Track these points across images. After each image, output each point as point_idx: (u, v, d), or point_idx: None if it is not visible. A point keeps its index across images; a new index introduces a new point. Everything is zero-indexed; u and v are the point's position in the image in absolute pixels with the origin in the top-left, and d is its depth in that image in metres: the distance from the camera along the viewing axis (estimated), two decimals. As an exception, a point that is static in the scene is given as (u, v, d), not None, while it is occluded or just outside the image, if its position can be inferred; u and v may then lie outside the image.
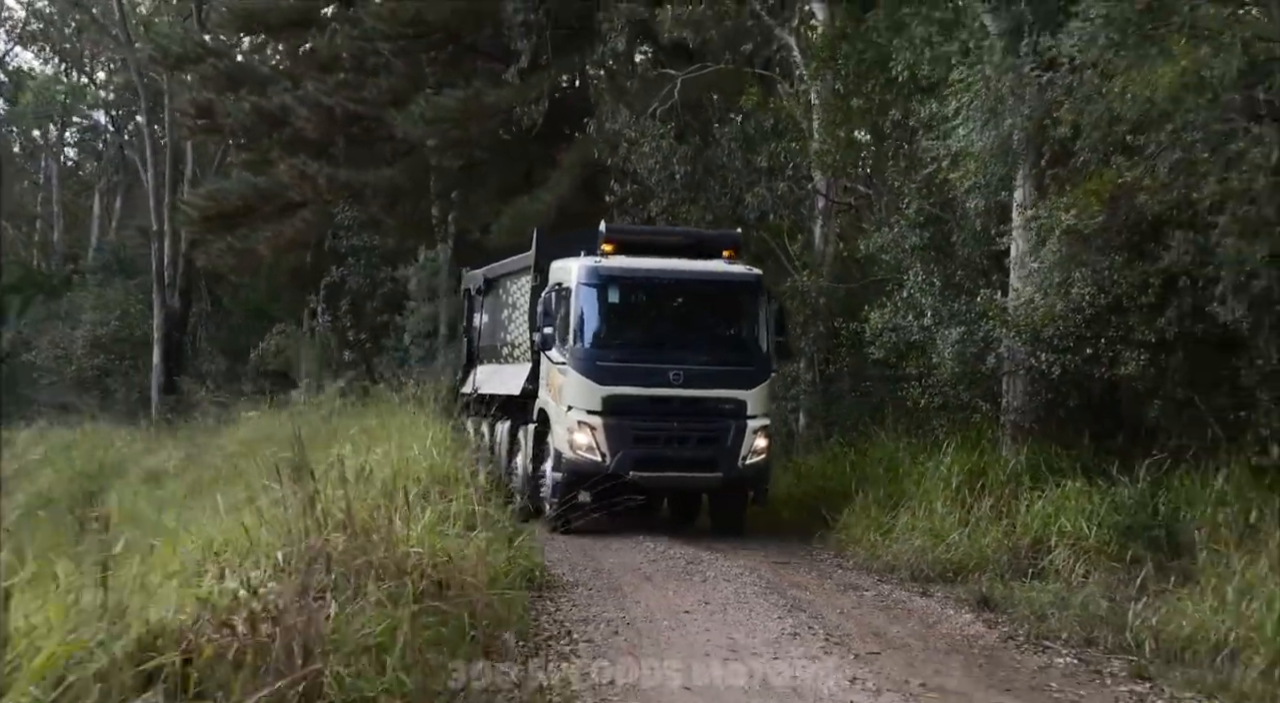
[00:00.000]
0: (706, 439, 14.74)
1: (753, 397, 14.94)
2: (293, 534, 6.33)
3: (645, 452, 14.51)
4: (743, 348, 15.40)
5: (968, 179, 12.29)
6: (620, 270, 15.11)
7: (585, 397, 14.60)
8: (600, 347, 14.88)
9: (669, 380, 14.65)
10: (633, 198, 24.62)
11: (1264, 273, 9.33)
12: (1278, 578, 8.43)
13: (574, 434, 14.58)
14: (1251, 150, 9.26)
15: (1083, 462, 12.62)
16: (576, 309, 14.85)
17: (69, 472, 25.94)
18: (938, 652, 8.84)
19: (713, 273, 15.45)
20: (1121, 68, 10.31)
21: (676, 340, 15.24)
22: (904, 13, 14.87)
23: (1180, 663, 8.27)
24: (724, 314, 15.87)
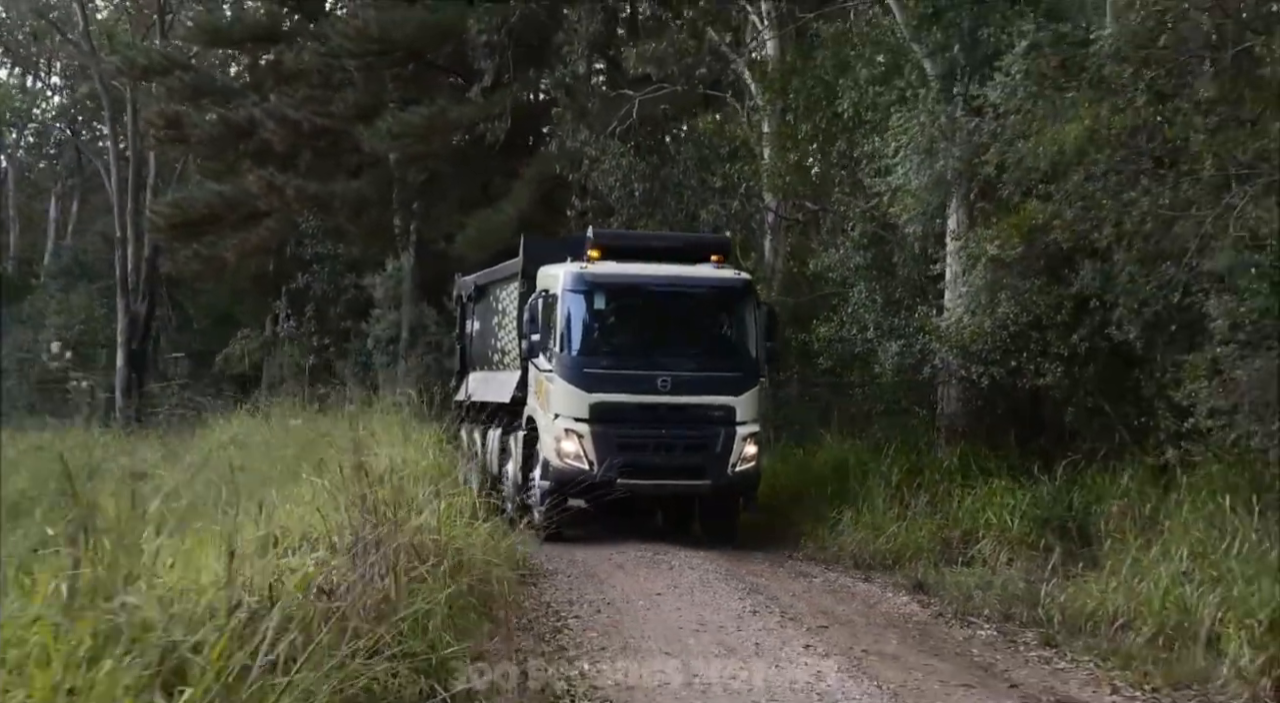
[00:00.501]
0: (695, 446, 14.58)
1: (742, 403, 14.72)
2: (345, 523, 7.57)
3: (633, 459, 14.32)
4: (732, 354, 15.17)
5: (907, 212, 13.71)
6: (607, 276, 14.92)
7: (572, 404, 14.44)
8: (587, 353, 14.73)
9: (657, 387, 14.50)
10: (592, 212, 25.93)
11: (1154, 301, 10.82)
12: (1166, 562, 9.86)
13: (561, 442, 14.42)
14: (1142, 198, 10.77)
15: (1008, 462, 14.09)
16: (563, 316, 14.66)
17: (46, 472, 26.73)
18: (877, 626, 10.25)
19: (700, 278, 15.26)
20: (1039, 116, 11.77)
21: (664, 347, 15.12)
22: (849, 54, 16.28)
23: (1082, 633, 9.71)
24: (712, 320, 15.66)
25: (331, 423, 16.27)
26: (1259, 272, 9.80)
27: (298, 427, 19.70)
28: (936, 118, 13.17)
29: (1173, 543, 9.93)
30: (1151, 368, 11.78)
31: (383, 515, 7.58)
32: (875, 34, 16.46)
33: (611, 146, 23.77)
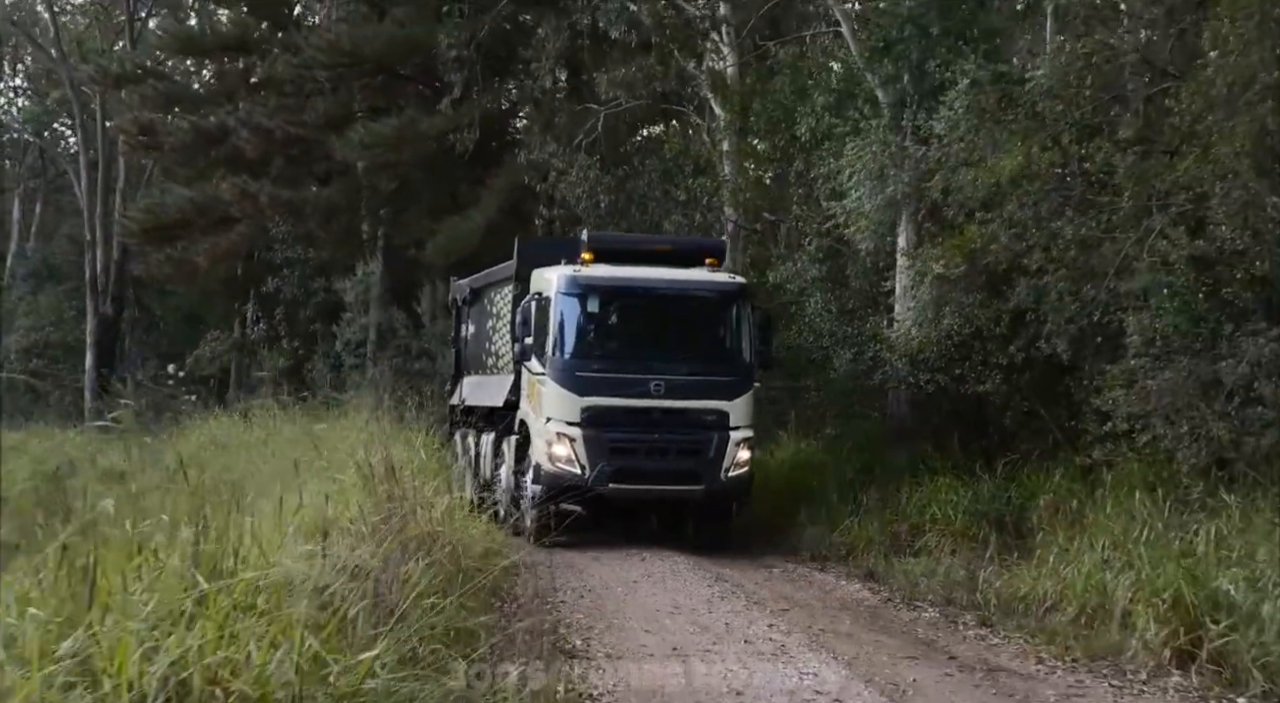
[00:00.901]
0: (688, 451, 14.52)
1: (735, 408, 14.67)
2: (368, 513, 8.60)
3: (625, 464, 14.28)
4: (725, 358, 15.08)
5: (861, 233, 14.89)
6: (600, 279, 14.84)
7: (564, 408, 14.40)
8: (579, 357, 14.65)
9: (650, 391, 14.42)
10: (559, 221, 27.00)
11: (1079, 318, 12.03)
12: (1088, 551, 11.04)
13: (552, 446, 14.37)
14: (1067, 227, 11.99)
15: (952, 461, 15.29)
16: (556, 319, 14.62)
17: (25, 470, 27.43)
18: (833, 609, 11.41)
19: (694, 282, 15.19)
20: (980, 146, 12.97)
21: (658, 351, 14.99)
22: (808, 83, 17.46)
23: (1014, 614, 10.88)
24: (706, 324, 15.52)
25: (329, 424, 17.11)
26: (1170, 292, 11.04)
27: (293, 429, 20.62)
28: (888, 146, 14.37)
29: (1095, 534, 11.10)
30: (1079, 376, 12.98)
31: (407, 507, 8.63)
32: (830, 63, 17.60)
33: (579, 160, 24.83)
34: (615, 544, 14.89)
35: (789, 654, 9.10)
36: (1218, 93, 10.82)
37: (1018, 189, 12.37)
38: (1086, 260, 11.97)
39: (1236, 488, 10.85)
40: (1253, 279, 11.15)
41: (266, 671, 4.25)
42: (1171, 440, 10.98)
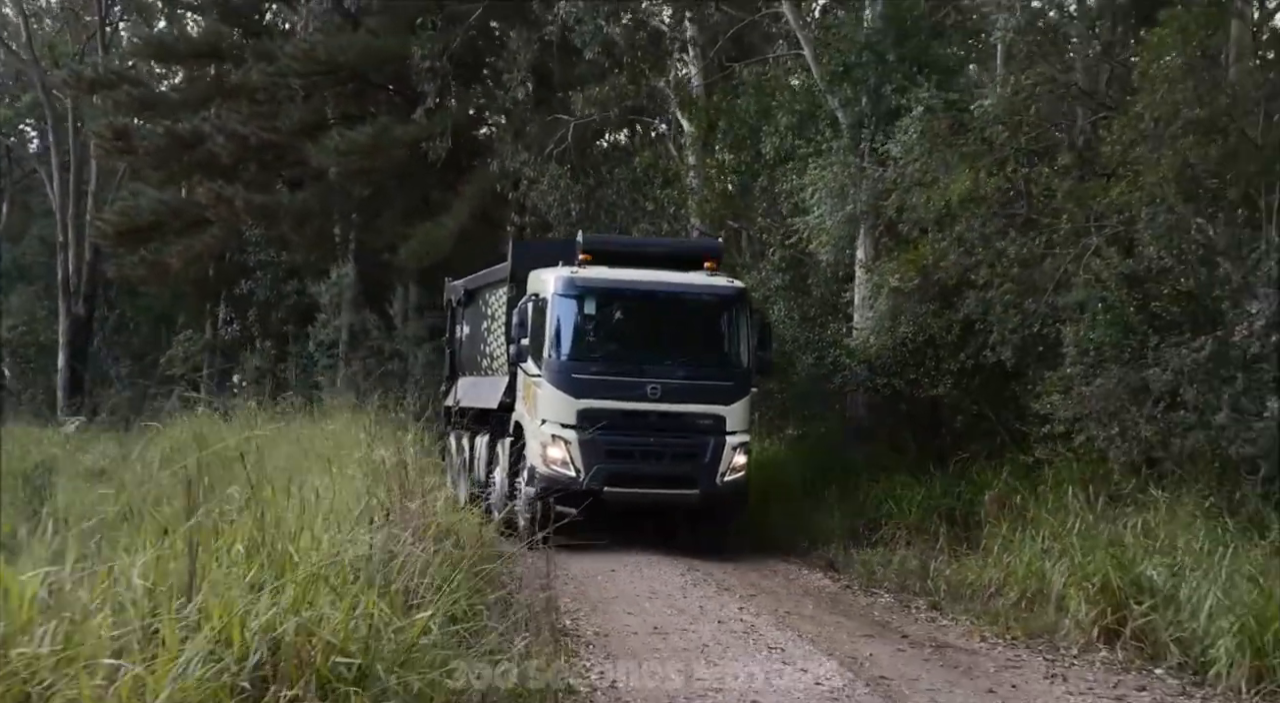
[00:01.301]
0: (684, 455, 14.50)
1: (732, 412, 14.63)
2: (382, 504, 9.51)
3: (620, 467, 14.26)
4: (723, 362, 15.02)
5: (823, 247, 15.90)
6: (597, 281, 14.79)
7: (559, 410, 14.35)
8: (576, 359, 14.61)
9: (646, 395, 14.37)
10: (530, 228, 27.89)
11: (1021, 329, 13.12)
12: (1029, 542, 12.11)
13: (547, 448, 14.34)
14: (1010, 246, 13.10)
15: (907, 459, 16.38)
16: (552, 321, 14.55)
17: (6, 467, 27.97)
18: (797, 595, 12.45)
19: (692, 285, 15.13)
20: (932, 168, 14.04)
21: (654, 354, 14.90)
22: (772, 103, 18.50)
23: (962, 599, 11.95)
24: (704, 327, 15.45)
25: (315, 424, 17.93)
26: (1104, 306, 12.13)
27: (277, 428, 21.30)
28: (848, 166, 15.41)
29: (1035, 526, 12.15)
30: (1023, 382, 14.04)
31: (415, 500, 9.57)
32: (793, 83, 18.65)
33: (550, 169, 25.74)
34: (586, 537, 15.77)
35: (759, 633, 10.13)
36: (1146, 126, 11.94)
37: (966, 210, 13.45)
38: (1029, 276, 13.04)
39: (1164, 484, 11.93)
40: (1178, 295, 12.27)
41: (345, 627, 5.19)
42: (1104, 441, 12.05)
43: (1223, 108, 11.77)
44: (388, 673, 5.14)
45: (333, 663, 4.99)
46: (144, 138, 34.05)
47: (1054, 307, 12.81)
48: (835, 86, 17.08)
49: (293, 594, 5.31)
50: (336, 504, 8.57)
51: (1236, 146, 12.03)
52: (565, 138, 26.42)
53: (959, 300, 14.50)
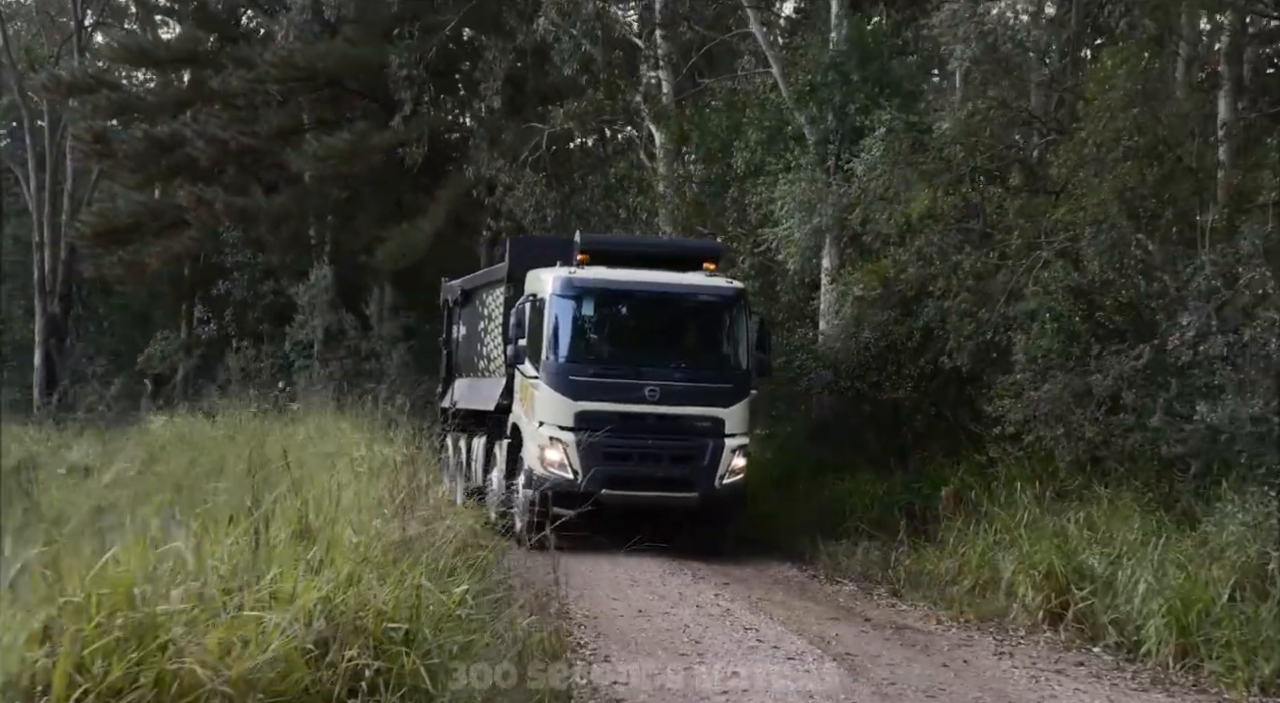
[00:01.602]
0: (682, 458, 14.49)
1: (731, 414, 14.67)
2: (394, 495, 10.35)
3: (618, 469, 14.22)
4: (722, 364, 15.04)
5: (791, 258, 16.83)
6: (596, 282, 14.75)
7: (557, 411, 14.33)
8: (574, 360, 14.61)
9: (644, 396, 14.36)
10: (505, 233, 28.62)
11: (975, 337, 14.12)
12: (982, 534, 13.08)
13: (545, 450, 14.33)
14: (965, 261, 14.11)
15: (870, 457, 17.34)
16: (550, 321, 14.53)
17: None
18: (767, 583, 13.41)
19: (692, 286, 15.12)
20: (894, 185, 15.01)
21: (653, 355, 14.90)
22: (742, 119, 19.45)
23: (920, 587, 12.93)
24: (703, 329, 15.47)
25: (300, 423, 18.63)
26: (1052, 316, 13.13)
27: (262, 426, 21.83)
28: (815, 182, 16.36)
29: (988, 520, 13.15)
30: (978, 386, 15.02)
31: (421, 494, 10.45)
32: (763, 100, 19.60)
33: (525, 176, 26.55)
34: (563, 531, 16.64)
35: (734, 615, 11.08)
36: (1089, 152, 12.96)
37: (926, 225, 14.44)
38: (983, 288, 14.04)
39: (1106, 481, 12.92)
40: (1120, 307, 13.29)
41: (395, 598, 6.07)
42: (1051, 441, 13.05)
43: (1160, 136, 12.80)
44: (433, 635, 6.04)
45: (385, 628, 5.87)
46: (123, 142, 34.59)
47: (1006, 316, 13.78)
48: (802, 105, 18.02)
49: (347, 571, 6.18)
50: (359, 495, 9.43)
51: (1172, 171, 13.10)
52: (540, 145, 27.30)
53: (918, 309, 15.42)
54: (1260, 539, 10.03)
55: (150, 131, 34.22)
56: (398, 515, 9.74)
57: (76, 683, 4.47)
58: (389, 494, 10.40)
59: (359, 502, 9.03)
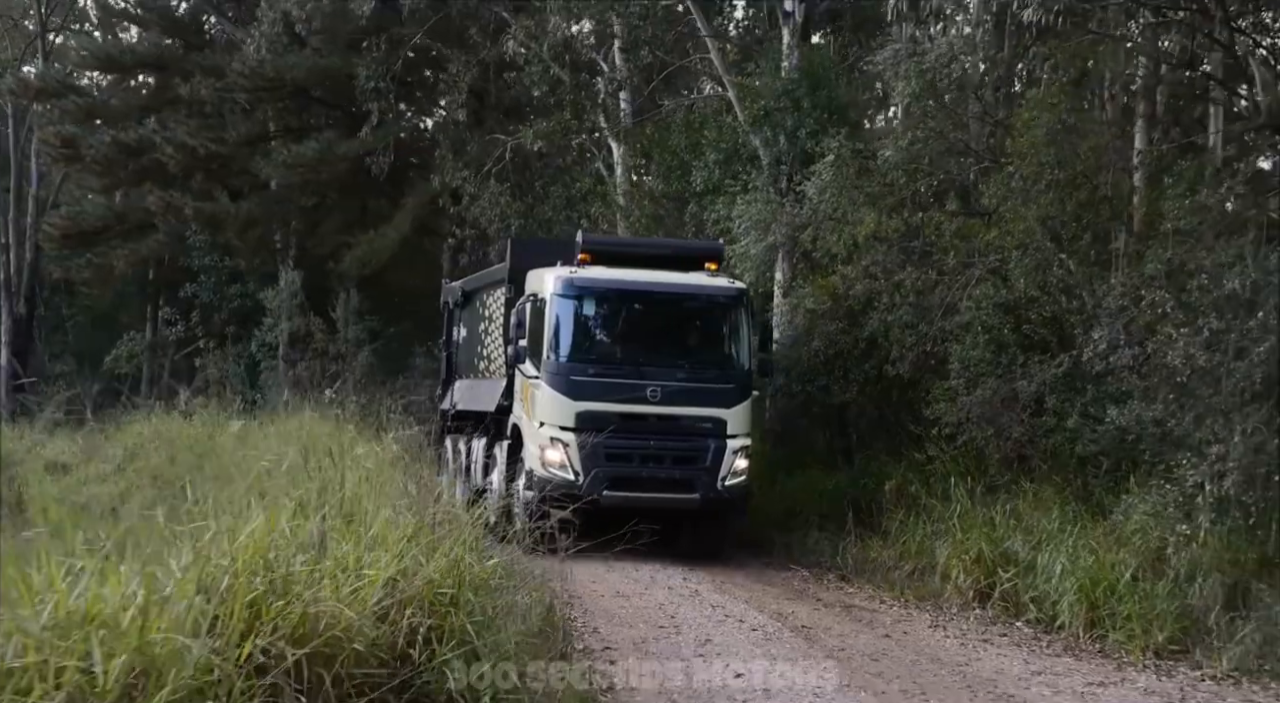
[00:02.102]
0: (684, 459, 14.48)
1: (733, 415, 14.69)
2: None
3: (620, 471, 14.19)
4: (724, 364, 15.07)
5: (747, 273, 18.21)
6: (597, 282, 14.69)
7: (558, 412, 14.29)
8: (574, 361, 14.53)
9: (646, 397, 14.34)
10: (470, 240, 29.84)
11: (915, 347, 15.61)
12: (921, 525, 14.51)
13: (546, 451, 14.27)
14: (906, 279, 15.62)
15: (819, 456, 18.79)
16: (551, 321, 14.46)
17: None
18: (729, 570, 14.83)
19: (694, 286, 15.07)
20: (842, 207, 16.47)
21: (655, 356, 14.83)
22: (701, 140, 20.86)
23: (866, 573, 14.41)
24: (705, 329, 15.46)
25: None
26: (983, 328, 14.65)
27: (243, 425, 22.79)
28: (769, 203, 17.80)
29: (926, 512, 14.60)
30: (918, 391, 16.46)
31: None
32: (720, 122, 21.03)
33: (490, 187, 27.74)
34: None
35: (701, 595, 12.53)
36: (1016, 184, 14.51)
37: (871, 245, 15.92)
38: (922, 302, 15.54)
39: (1032, 477, 14.40)
40: (1043, 320, 14.82)
41: (441, 570, 7.38)
42: (982, 441, 14.56)
43: (1079, 169, 14.35)
44: (475, 598, 7.37)
45: (435, 593, 7.17)
46: (91, 146, 35.37)
47: (943, 328, 15.26)
48: (756, 128, 19.45)
49: (399, 548, 7.49)
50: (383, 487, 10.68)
51: (1090, 199, 14.67)
52: (503, 156, 28.49)
53: (864, 321, 16.77)
54: (1160, 527, 11.54)
55: (118, 137, 35.03)
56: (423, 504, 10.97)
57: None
58: (406, 487, 11.67)
59: (385, 492, 10.30)
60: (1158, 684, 9.61)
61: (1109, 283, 13.50)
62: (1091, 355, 12.90)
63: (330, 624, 6.04)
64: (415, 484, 11.71)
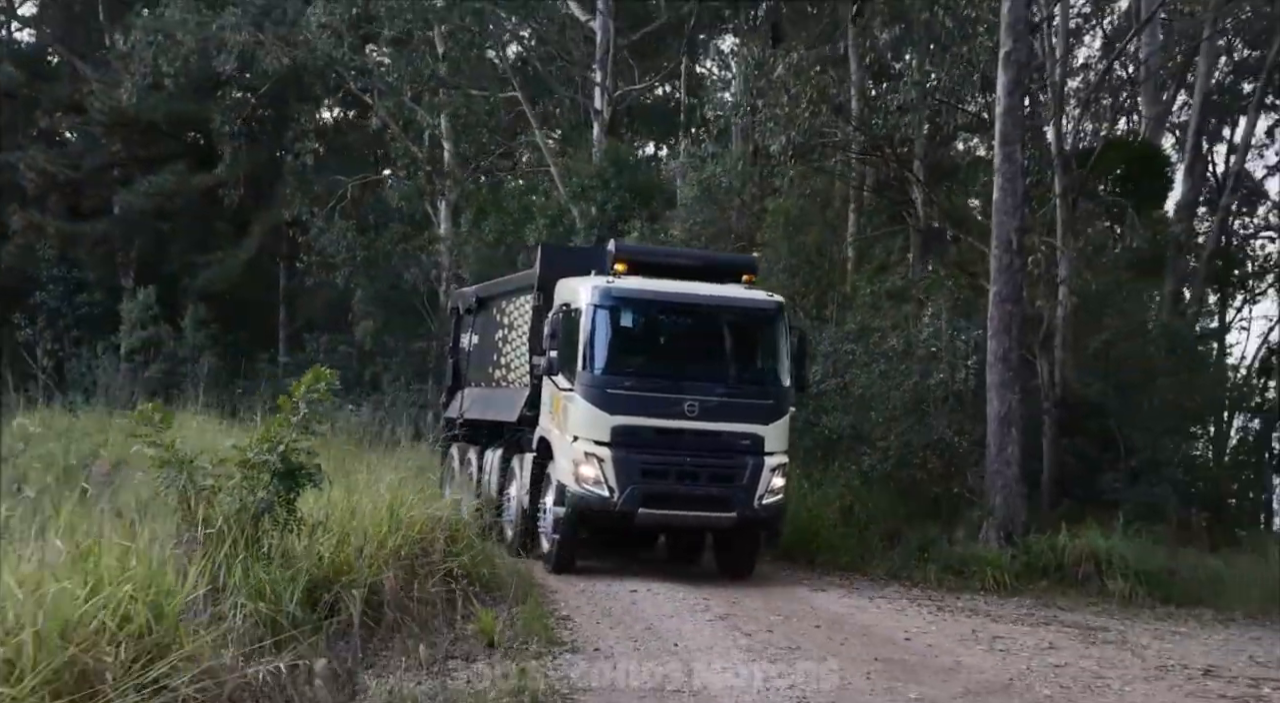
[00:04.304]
0: (721, 476, 14.05)
1: (771, 432, 14.25)
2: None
3: (655, 488, 13.79)
4: (762, 380, 14.63)
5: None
6: (635, 293, 14.26)
7: (593, 426, 13.79)
8: (611, 373, 13.98)
9: (683, 412, 13.91)
10: (315, 266, 34.97)
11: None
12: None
13: (580, 466, 13.77)
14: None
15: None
16: (586, 332, 13.94)
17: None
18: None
19: (732, 299, 14.70)
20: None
21: (692, 370, 14.40)
22: (532, 205, 27.11)
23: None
24: (742, 343, 15.01)
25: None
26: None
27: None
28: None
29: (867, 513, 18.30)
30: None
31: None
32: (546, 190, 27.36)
33: (335, 222, 33.10)
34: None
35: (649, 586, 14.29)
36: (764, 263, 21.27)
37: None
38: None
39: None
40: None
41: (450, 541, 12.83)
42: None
43: (807, 256, 21.26)
44: (470, 561, 11.71)
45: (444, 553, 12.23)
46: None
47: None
48: (575, 201, 25.75)
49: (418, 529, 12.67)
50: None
51: (814, 272, 21.60)
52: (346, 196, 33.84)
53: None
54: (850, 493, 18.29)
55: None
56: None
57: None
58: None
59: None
60: (841, 584, 15.99)
61: (822, 335, 20.34)
62: (811, 383, 19.71)
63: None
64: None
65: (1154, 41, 27.10)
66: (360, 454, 14.55)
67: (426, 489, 12.70)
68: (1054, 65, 21.05)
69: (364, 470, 11.95)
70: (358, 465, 12.64)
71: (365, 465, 12.48)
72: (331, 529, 9.78)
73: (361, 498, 10.71)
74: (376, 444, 15.22)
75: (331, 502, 10.31)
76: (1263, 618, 15.58)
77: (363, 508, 10.45)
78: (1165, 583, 16.34)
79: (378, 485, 11.27)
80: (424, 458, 17.36)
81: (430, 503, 11.67)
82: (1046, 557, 16.65)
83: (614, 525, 14.33)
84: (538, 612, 11.17)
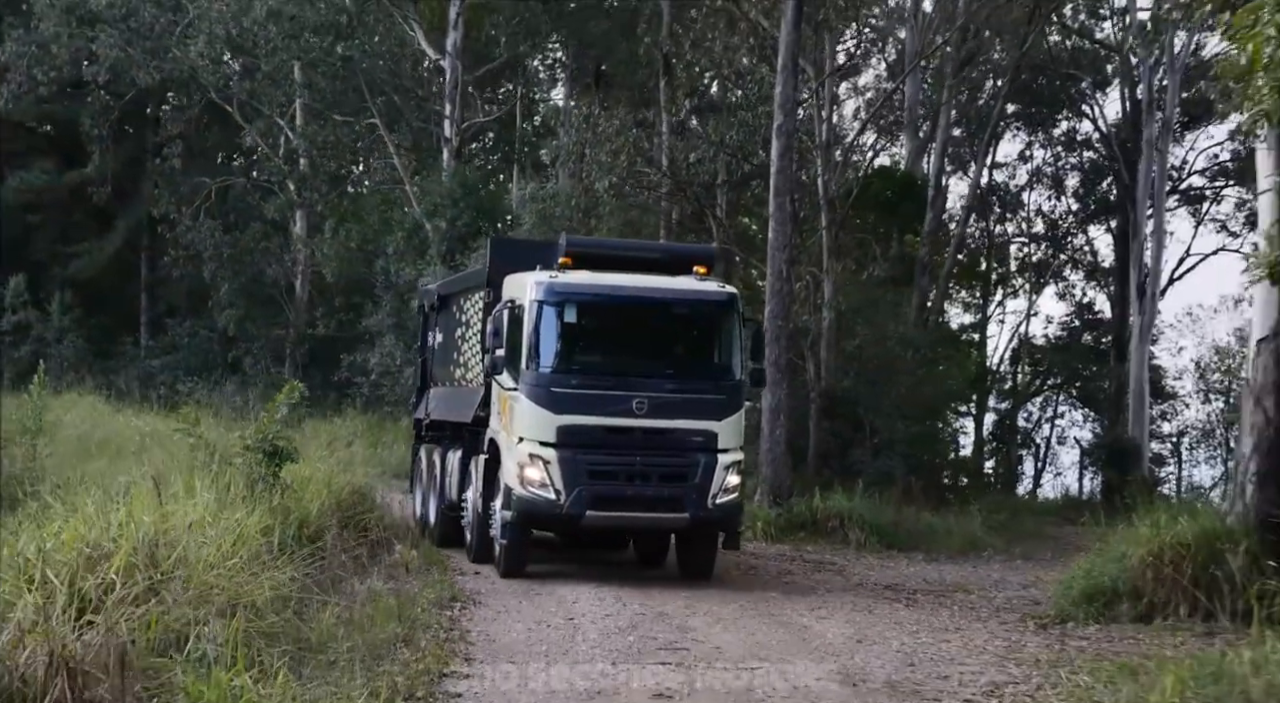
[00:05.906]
0: (672, 476, 13.69)
1: (724, 429, 13.86)
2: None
3: (604, 489, 13.45)
4: (714, 375, 14.16)
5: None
6: (580, 287, 13.87)
7: (538, 427, 13.45)
8: (556, 371, 13.62)
9: (632, 410, 13.52)
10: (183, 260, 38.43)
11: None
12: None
13: (525, 469, 13.43)
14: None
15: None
16: (530, 329, 13.57)
17: None
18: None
19: (682, 291, 14.24)
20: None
21: (641, 365, 14.09)
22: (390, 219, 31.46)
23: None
24: (693, 337, 14.68)
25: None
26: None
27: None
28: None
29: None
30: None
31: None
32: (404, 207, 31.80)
33: (202, 221, 36.78)
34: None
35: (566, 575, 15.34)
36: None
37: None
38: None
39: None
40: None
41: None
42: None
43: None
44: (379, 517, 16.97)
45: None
46: None
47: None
48: (428, 217, 30.17)
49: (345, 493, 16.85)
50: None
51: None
52: (210, 196, 37.60)
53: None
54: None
55: None
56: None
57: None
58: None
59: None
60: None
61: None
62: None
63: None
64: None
65: (916, 87, 32.89)
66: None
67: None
68: (820, 125, 26.44)
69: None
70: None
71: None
72: (298, 491, 14.14)
73: (314, 471, 15.24)
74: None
75: (294, 473, 14.62)
76: (959, 557, 21.00)
77: (317, 478, 14.93)
78: (891, 533, 21.24)
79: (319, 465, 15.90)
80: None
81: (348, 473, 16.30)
82: (804, 515, 21.34)
83: (563, 529, 14.56)
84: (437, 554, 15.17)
